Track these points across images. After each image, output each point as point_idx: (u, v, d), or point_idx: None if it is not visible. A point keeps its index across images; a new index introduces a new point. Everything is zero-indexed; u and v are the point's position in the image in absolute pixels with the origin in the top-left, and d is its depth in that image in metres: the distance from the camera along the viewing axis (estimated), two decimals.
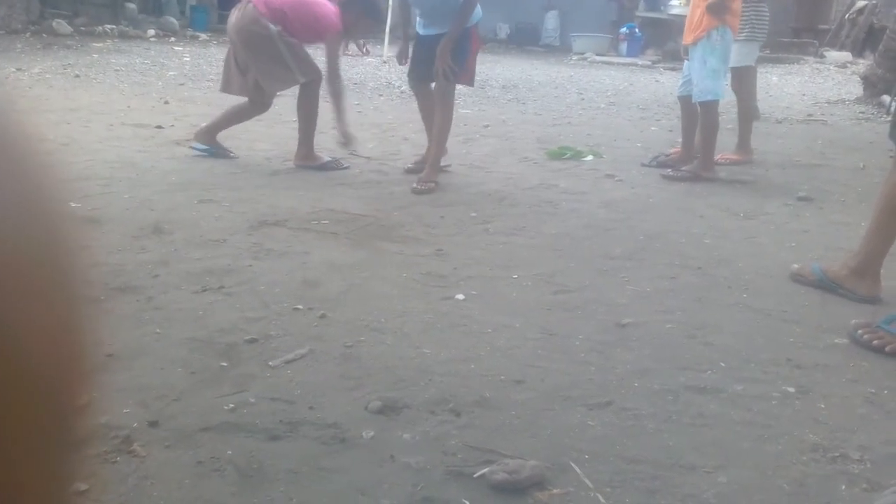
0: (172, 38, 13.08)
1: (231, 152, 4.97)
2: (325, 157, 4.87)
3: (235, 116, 4.92)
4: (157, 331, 2.51)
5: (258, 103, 4.84)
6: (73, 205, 0.29)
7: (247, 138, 5.52)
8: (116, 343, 2.38)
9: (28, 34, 11.59)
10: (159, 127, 5.69)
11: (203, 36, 13.23)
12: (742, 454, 1.97)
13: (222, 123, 4.90)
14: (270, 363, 2.33)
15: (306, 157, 4.84)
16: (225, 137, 5.22)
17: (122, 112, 6.24)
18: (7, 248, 0.25)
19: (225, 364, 2.32)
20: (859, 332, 2.63)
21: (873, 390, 2.33)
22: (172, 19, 13.99)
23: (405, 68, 4.87)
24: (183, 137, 5.18)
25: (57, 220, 0.27)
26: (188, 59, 10.54)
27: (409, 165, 4.84)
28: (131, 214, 3.68)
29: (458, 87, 4.62)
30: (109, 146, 5.01)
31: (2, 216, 0.25)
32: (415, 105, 5.10)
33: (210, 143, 4.87)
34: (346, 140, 4.75)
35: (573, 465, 1.88)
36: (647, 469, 1.88)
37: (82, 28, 12.65)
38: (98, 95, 6.92)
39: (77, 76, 8.07)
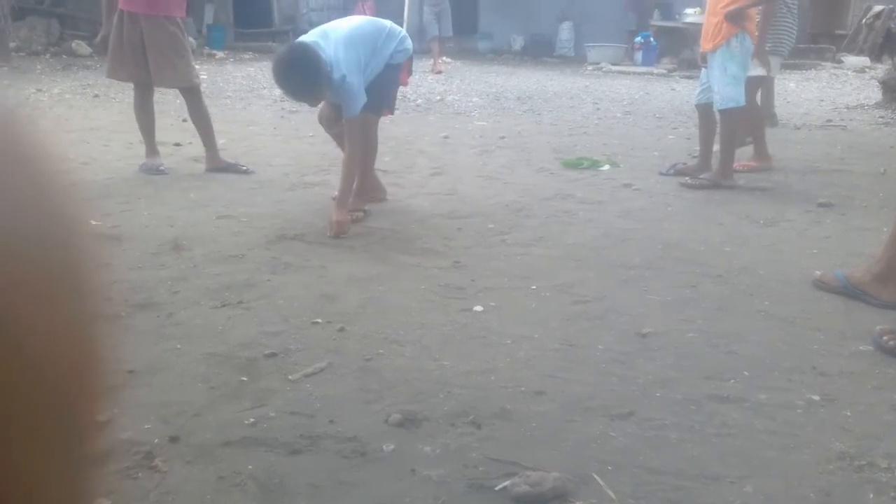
0: None
1: (244, 166, 5.01)
2: (229, 161, 5.09)
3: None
4: (178, 346, 2.53)
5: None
6: (93, 223, 0.29)
7: (264, 154, 5.57)
8: (137, 359, 2.40)
9: (48, 55, 11.75)
10: (178, 144, 5.75)
11: (220, 54, 13.34)
12: (767, 464, 1.95)
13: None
14: (290, 377, 2.34)
15: (212, 160, 5.04)
16: (240, 154, 5.27)
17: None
18: (29, 265, 0.25)
19: (245, 379, 2.33)
20: (884, 338, 2.60)
21: None
22: (190, 38, 14.12)
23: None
24: (201, 154, 5.22)
25: (77, 238, 0.28)
26: (205, 76, 10.59)
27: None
28: (151, 231, 3.71)
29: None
30: (129, 164, 5.07)
31: (24, 235, 0.25)
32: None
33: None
34: None
35: (596, 476, 1.87)
36: (670, 480, 1.86)
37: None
38: (117, 115, 6.99)
39: (96, 96, 8.16)
